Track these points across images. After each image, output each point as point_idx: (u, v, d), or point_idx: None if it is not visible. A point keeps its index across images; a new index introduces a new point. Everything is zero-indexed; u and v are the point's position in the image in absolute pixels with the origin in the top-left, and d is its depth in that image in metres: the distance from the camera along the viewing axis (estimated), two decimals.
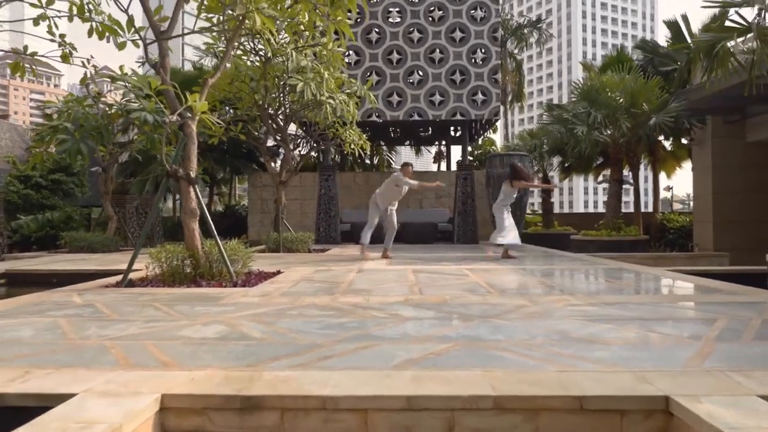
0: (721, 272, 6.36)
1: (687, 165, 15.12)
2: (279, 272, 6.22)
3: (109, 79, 9.15)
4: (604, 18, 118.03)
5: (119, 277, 5.25)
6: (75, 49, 6.99)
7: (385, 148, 22.84)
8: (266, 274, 5.99)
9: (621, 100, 9.64)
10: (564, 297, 4.13)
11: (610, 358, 2.33)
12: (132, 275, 5.72)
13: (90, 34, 5.41)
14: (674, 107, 9.76)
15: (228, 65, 9.18)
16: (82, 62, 7.34)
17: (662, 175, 16.58)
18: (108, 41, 5.39)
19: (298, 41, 8.85)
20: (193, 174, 5.24)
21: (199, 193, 5.21)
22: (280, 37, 9.11)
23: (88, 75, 8.15)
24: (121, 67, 9.11)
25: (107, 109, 10.50)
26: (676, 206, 17.58)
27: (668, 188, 19.41)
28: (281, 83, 8.67)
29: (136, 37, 5.37)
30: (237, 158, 16.62)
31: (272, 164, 10.09)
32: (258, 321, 3.24)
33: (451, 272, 6.17)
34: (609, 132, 10.70)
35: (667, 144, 15.08)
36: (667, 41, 13.53)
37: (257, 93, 8.83)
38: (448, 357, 2.37)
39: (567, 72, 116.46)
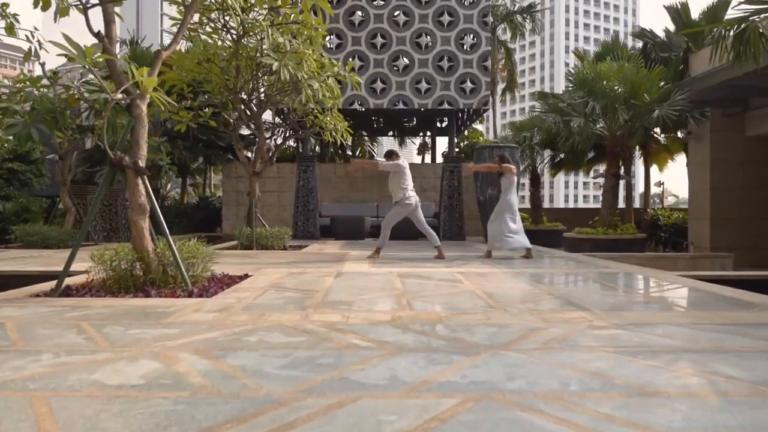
0: (738, 278, 5.80)
1: (679, 158, 14.71)
2: (246, 276, 5.47)
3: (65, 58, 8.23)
4: (586, 12, 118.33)
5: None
6: (17, 20, 6.19)
7: (367, 138, 22.06)
8: (231, 278, 5.23)
9: (620, 90, 9.05)
10: (581, 314, 3.47)
11: (685, 428, 1.66)
12: (74, 280, 4.94)
13: (35, 4, 4.66)
14: (680, 99, 9.19)
15: (189, 44, 8.33)
16: (26, 36, 6.49)
17: (653, 169, 16.15)
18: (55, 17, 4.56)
19: (274, 18, 8.04)
20: (141, 163, 4.44)
21: (148, 185, 4.42)
22: (256, 13, 8.29)
23: (32, 51, 7.23)
24: (66, 37, 8.18)
25: (65, 90, 9.57)
26: (667, 201, 17.19)
27: (659, 183, 19.01)
28: (255, 64, 7.85)
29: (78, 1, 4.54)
30: (210, 147, 15.69)
31: (245, 154, 9.26)
32: (204, 353, 2.50)
33: (442, 276, 5.49)
34: (604, 124, 10.10)
35: (660, 137, 14.62)
36: (664, 30, 12.99)
37: (228, 75, 8.01)
38: (459, 426, 1.67)
39: (549, 66, 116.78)
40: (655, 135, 13.60)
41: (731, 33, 5.76)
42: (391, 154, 7.75)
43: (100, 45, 4.25)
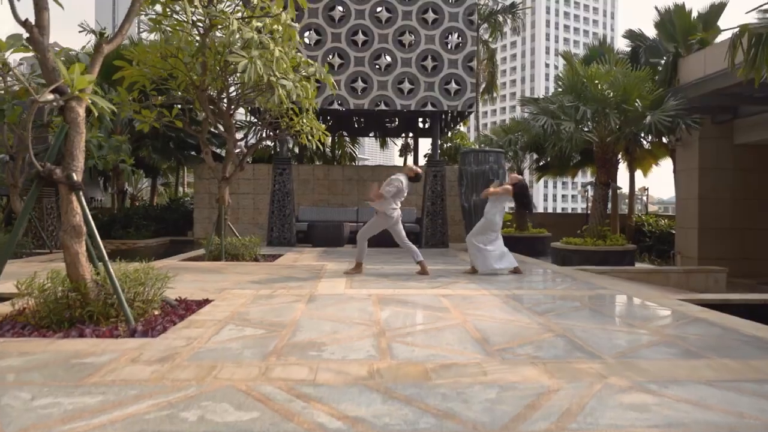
0: (742, 302, 5.38)
1: (664, 163, 14.45)
2: (207, 302, 4.84)
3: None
4: (566, 14, 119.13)
5: None
6: None
7: (347, 139, 21.42)
8: (188, 305, 4.60)
9: (611, 94, 8.63)
10: (592, 365, 2.95)
11: None
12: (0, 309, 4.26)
13: None
14: (672, 105, 8.80)
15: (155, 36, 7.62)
16: None
17: (637, 174, 15.85)
18: None
19: (244, 11, 7.39)
20: (77, 176, 3.79)
21: (84, 202, 3.77)
22: (226, 4, 7.63)
23: None
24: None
25: (15, 84, 8.75)
26: (652, 207, 16.97)
27: (644, 189, 18.80)
28: (223, 60, 7.19)
29: None
30: (181, 147, 14.89)
31: (211, 157, 8.59)
32: None
33: (426, 302, 4.94)
34: (593, 129, 9.67)
35: (645, 142, 14.32)
36: (654, 22, 12.61)
37: (193, 71, 7.34)
38: None
39: (531, 66, 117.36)
40: (642, 139, 13.28)
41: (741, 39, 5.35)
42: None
43: (21, 36, 3.57)
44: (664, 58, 11.59)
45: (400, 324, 4.02)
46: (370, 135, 18.53)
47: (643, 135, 10.49)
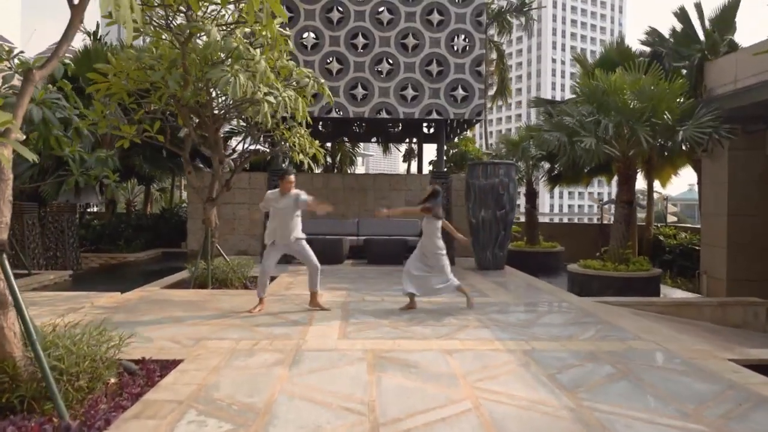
0: None
1: (683, 173, 13.67)
2: (175, 364, 4.12)
3: None
4: (573, 22, 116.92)
5: None
6: None
7: (348, 144, 20.64)
8: (150, 372, 3.88)
9: (635, 104, 7.82)
10: None
11: None
12: None
13: None
14: (709, 120, 7.96)
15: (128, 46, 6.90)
16: None
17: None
18: None
19: (229, 15, 6.65)
20: (1, 234, 3.06)
21: (8, 268, 3.04)
22: (210, 10, 6.87)
23: None
24: None
25: None
26: (670, 218, 16.15)
27: (664, 198, 17.89)
28: (204, 73, 6.46)
29: None
30: (172, 156, 14.18)
31: (194, 177, 7.88)
32: None
33: (431, 368, 4.18)
34: (616, 143, 8.85)
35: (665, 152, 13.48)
36: (671, 33, 11.78)
37: (172, 83, 6.60)
38: None
39: (537, 62, 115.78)
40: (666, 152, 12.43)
41: None
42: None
43: None
44: (687, 62, 10.75)
45: (398, 411, 3.28)
46: (372, 141, 17.76)
47: (679, 149, 9.61)
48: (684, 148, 8.74)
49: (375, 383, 3.78)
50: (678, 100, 7.95)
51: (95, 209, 18.70)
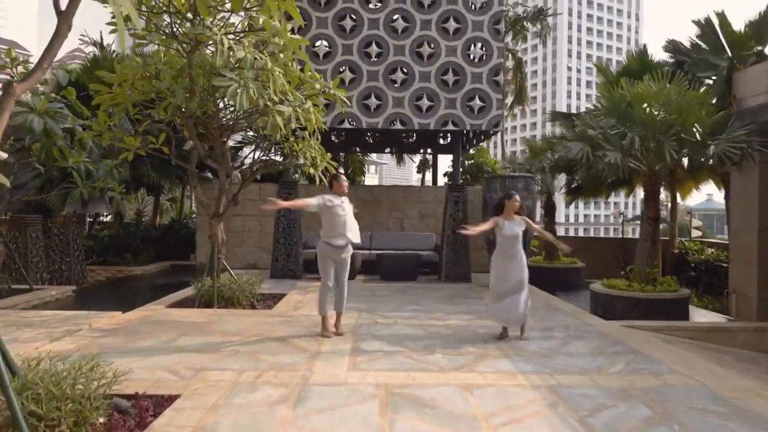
0: None
1: (705, 187, 13.15)
2: (171, 400, 3.80)
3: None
4: (589, 30, 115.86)
5: None
6: None
7: (360, 155, 20.34)
8: (143, 410, 3.56)
9: (662, 116, 7.40)
10: None
11: None
12: None
13: None
14: (743, 133, 7.50)
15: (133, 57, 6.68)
16: None
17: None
18: None
19: (238, 24, 6.38)
20: None
21: None
22: (219, 17, 6.61)
23: None
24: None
25: None
26: (695, 232, 15.60)
27: (688, 212, 17.31)
28: (210, 83, 6.19)
29: None
30: (181, 166, 13.97)
31: (200, 191, 7.61)
32: None
33: (449, 407, 3.80)
34: (641, 157, 8.41)
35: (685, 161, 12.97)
36: (691, 42, 11.27)
37: (178, 93, 6.34)
38: None
39: (552, 70, 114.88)
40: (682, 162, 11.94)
41: None
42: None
43: None
44: (714, 73, 10.28)
45: None
46: (386, 151, 17.45)
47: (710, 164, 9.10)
48: (711, 162, 8.28)
49: (387, 427, 3.42)
50: (705, 111, 7.51)
51: (106, 218, 18.60)
